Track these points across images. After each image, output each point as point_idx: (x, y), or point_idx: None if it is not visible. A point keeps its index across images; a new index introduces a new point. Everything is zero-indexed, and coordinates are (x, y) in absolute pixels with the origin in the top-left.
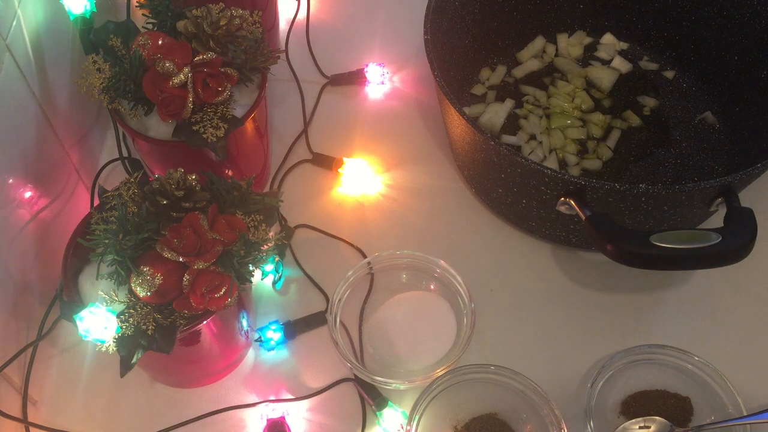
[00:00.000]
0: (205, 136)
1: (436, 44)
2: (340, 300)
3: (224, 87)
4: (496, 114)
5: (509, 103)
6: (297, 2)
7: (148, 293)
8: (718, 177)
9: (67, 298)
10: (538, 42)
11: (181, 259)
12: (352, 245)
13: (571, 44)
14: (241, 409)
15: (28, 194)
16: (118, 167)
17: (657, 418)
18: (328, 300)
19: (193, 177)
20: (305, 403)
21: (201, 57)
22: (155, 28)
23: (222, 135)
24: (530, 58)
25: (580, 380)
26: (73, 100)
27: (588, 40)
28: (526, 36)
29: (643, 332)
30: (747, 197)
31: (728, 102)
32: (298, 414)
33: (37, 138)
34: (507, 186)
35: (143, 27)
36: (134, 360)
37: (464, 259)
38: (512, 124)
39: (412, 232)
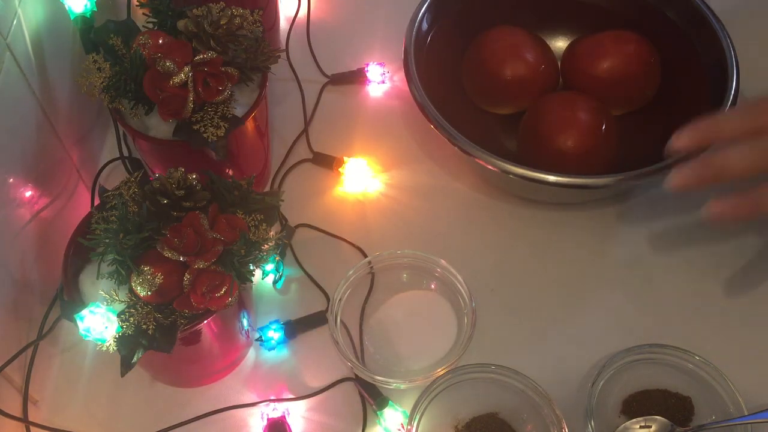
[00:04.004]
0: (205, 135)
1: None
2: (340, 299)
3: (225, 86)
4: None
5: None
6: (297, 1)
7: (149, 293)
8: None
9: (68, 298)
10: None
11: (181, 259)
12: (352, 245)
13: None
14: (242, 409)
15: (28, 194)
16: (119, 167)
17: (658, 417)
18: (328, 299)
19: (194, 176)
20: (306, 403)
21: (201, 56)
22: (156, 28)
23: (222, 134)
24: None
25: (580, 380)
26: (74, 99)
27: None
28: None
29: (644, 332)
30: None
31: None
32: (299, 413)
33: (37, 137)
34: None
35: (144, 26)
36: (135, 359)
37: (465, 258)
38: None
39: (412, 231)
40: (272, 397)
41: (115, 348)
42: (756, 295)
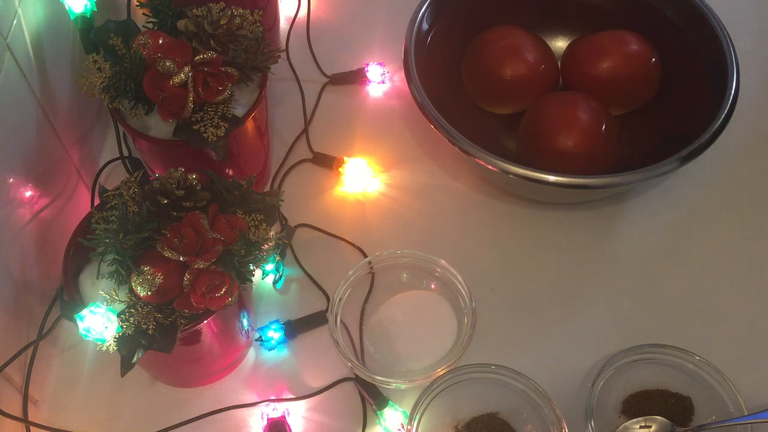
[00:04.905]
0: (205, 135)
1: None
2: (340, 299)
3: (225, 86)
4: None
5: None
6: (297, 1)
7: (149, 293)
8: None
9: (68, 298)
10: None
11: (181, 259)
12: (352, 244)
13: None
14: (242, 409)
15: (28, 194)
16: (119, 166)
17: (658, 417)
18: (328, 299)
19: (194, 176)
20: (306, 403)
21: (201, 56)
22: (156, 28)
23: (222, 134)
24: None
25: (580, 380)
26: (74, 99)
27: None
28: None
29: (644, 331)
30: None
31: None
32: (299, 413)
33: (37, 137)
34: None
35: (144, 26)
36: (135, 359)
37: (465, 258)
38: None
39: (412, 231)
40: (272, 397)
41: (115, 348)
42: (756, 295)
